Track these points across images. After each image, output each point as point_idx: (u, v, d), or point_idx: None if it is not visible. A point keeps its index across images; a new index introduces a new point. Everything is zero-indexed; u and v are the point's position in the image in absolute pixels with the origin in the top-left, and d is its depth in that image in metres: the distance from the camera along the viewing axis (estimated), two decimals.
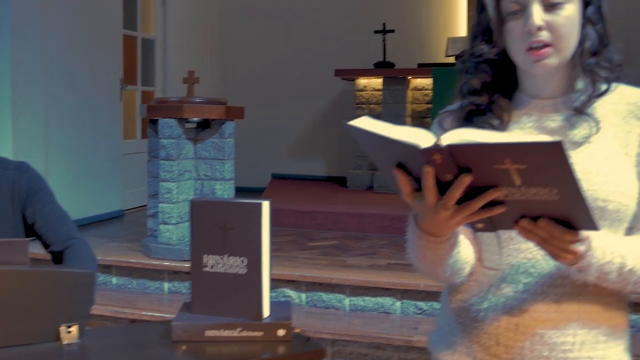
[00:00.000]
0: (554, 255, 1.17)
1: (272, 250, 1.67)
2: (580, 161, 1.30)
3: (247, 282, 1.64)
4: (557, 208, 1.07)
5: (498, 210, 1.09)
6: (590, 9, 1.33)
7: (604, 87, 1.34)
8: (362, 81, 7.19)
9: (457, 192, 1.08)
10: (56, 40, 5.45)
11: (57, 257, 2.10)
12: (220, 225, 1.65)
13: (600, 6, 1.34)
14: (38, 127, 5.29)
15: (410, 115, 6.93)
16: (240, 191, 6.55)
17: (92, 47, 5.91)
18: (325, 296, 3.98)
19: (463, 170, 1.05)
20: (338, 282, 3.96)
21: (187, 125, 4.46)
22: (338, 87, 7.76)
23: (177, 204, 4.38)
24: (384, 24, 7.23)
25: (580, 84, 1.35)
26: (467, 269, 1.37)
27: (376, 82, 7.10)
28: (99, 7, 6.00)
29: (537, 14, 1.28)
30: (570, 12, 1.30)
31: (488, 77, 1.39)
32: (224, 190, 4.46)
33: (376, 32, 7.28)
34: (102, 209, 6.04)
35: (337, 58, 7.57)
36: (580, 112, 1.33)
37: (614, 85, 1.36)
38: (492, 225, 1.15)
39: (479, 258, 1.39)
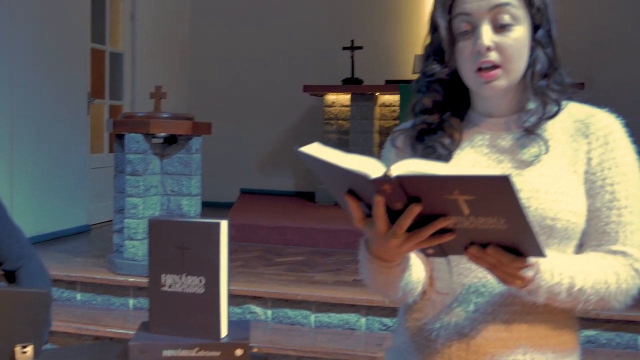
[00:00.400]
0: (503, 280, 1.19)
1: (239, 266, 1.68)
2: (530, 180, 1.32)
3: (204, 302, 1.64)
4: (505, 236, 1.09)
5: (447, 238, 1.10)
6: (540, 32, 1.36)
7: (554, 109, 1.36)
8: (331, 97, 7.22)
9: (406, 221, 1.09)
10: (22, 53, 5.41)
11: (10, 276, 2.07)
12: (178, 244, 1.65)
13: (550, 30, 1.37)
14: (3, 140, 5.23)
15: (377, 131, 6.97)
16: (209, 206, 6.55)
17: (60, 60, 5.87)
18: (291, 312, 3.98)
19: (413, 199, 1.07)
20: (304, 298, 3.97)
21: (154, 141, 4.45)
22: (307, 103, 7.79)
23: (143, 220, 4.35)
24: (352, 40, 7.28)
25: (531, 104, 1.38)
26: (419, 289, 1.39)
27: (344, 98, 7.13)
28: (67, 21, 5.97)
29: (487, 35, 1.31)
30: (519, 34, 1.33)
31: (439, 97, 1.41)
32: (191, 206, 4.45)
33: (344, 48, 7.33)
34: (68, 224, 5.98)
35: (306, 74, 7.60)
36: (530, 132, 1.36)
37: (564, 103, 1.38)
38: (442, 251, 1.16)
39: (431, 277, 1.41)
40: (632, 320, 3.53)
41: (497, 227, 1.06)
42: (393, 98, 6.98)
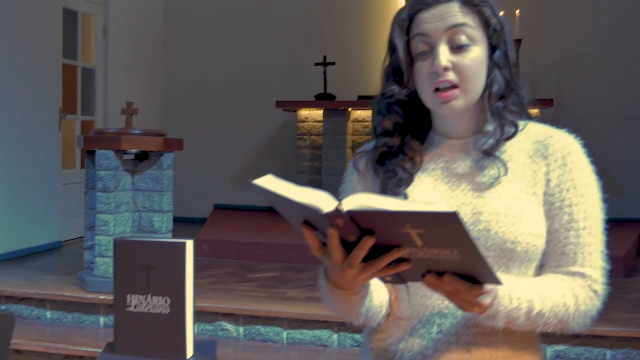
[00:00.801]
0: (461, 307, 1.20)
1: (212, 282, 1.67)
2: (490, 202, 1.33)
3: (170, 322, 1.64)
4: (460, 266, 1.11)
5: (403, 268, 1.11)
6: (497, 54, 1.37)
7: (511, 130, 1.37)
8: (303, 112, 7.24)
9: (360, 253, 1.10)
10: None
11: None
12: (143, 264, 1.64)
13: (507, 51, 1.39)
14: None
15: (350, 146, 7.00)
16: (183, 222, 6.52)
17: (31, 75, 5.83)
18: (263, 329, 3.97)
19: (366, 231, 1.08)
20: (276, 315, 3.96)
21: (125, 157, 4.42)
22: (280, 118, 7.79)
23: (114, 237, 4.31)
24: (324, 56, 7.30)
25: (489, 126, 1.39)
26: (383, 312, 1.39)
27: (317, 113, 7.16)
28: (38, 35, 5.94)
29: (444, 55, 1.32)
30: (476, 54, 1.34)
31: (400, 119, 1.41)
32: (162, 223, 4.42)
33: (317, 64, 7.34)
34: (39, 240, 5.92)
35: (279, 89, 7.60)
36: (489, 155, 1.36)
37: (522, 123, 1.39)
38: (400, 279, 1.17)
39: (396, 299, 1.41)
40: (600, 335, 3.56)
41: (451, 257, 1.07)
42: (365, 113, 7.02)
